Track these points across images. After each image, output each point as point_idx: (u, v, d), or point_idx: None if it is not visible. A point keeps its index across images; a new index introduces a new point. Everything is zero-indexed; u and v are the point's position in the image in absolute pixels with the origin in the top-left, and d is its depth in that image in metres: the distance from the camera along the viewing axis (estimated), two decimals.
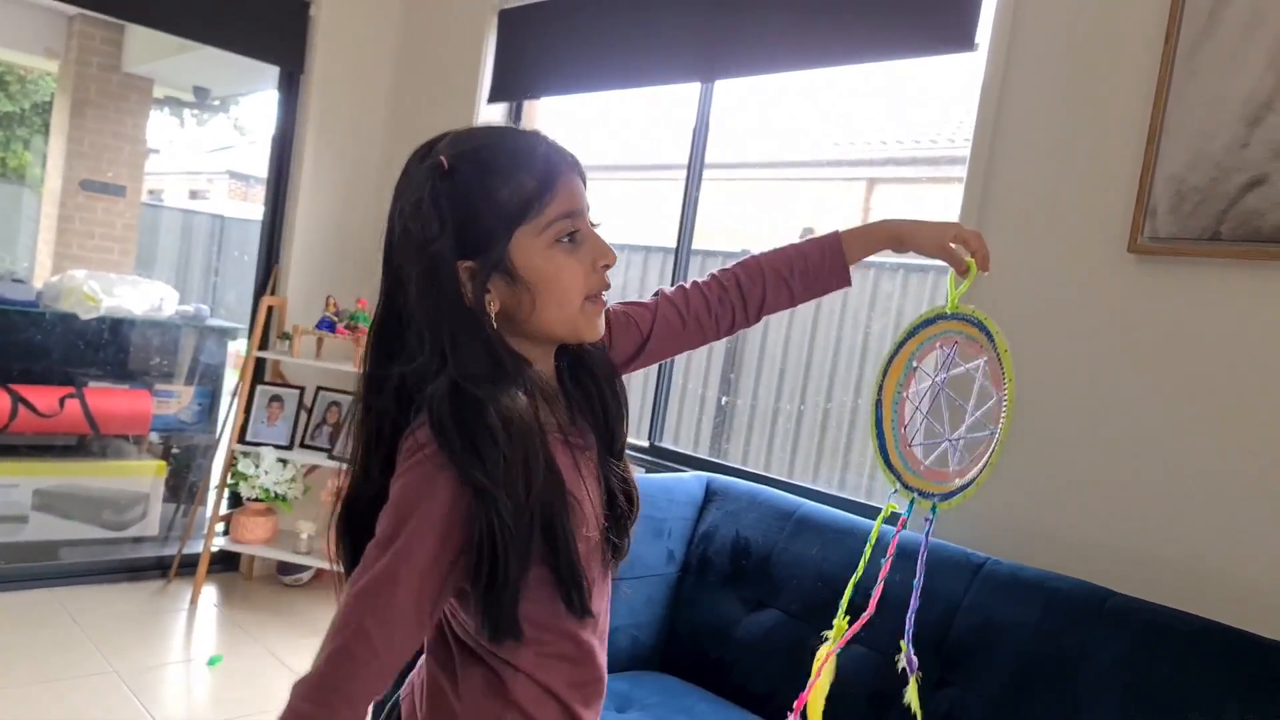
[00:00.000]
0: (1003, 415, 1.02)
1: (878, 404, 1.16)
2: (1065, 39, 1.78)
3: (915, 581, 1.14)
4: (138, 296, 3.33)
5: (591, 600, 0.86)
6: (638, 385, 4.80)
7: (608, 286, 0.87)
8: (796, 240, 1.09)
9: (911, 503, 1.13)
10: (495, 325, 0.83)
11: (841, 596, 1.75)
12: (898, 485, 1.14)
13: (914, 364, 1.11)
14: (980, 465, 1.05)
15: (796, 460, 4.35)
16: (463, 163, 0.83)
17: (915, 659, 1.17)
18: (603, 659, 0.95)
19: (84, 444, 3.35)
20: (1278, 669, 1.33)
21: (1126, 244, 1.66)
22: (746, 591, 1.94)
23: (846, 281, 1.07)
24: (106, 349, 3.37)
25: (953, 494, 1.08)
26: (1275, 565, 1.49)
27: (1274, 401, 1.50)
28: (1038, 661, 1.49)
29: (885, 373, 1.13)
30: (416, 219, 0.82)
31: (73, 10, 5.13)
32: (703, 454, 2.99)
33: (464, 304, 0.82)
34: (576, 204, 0.85)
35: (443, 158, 0.83)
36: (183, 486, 3.70)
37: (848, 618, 1.18)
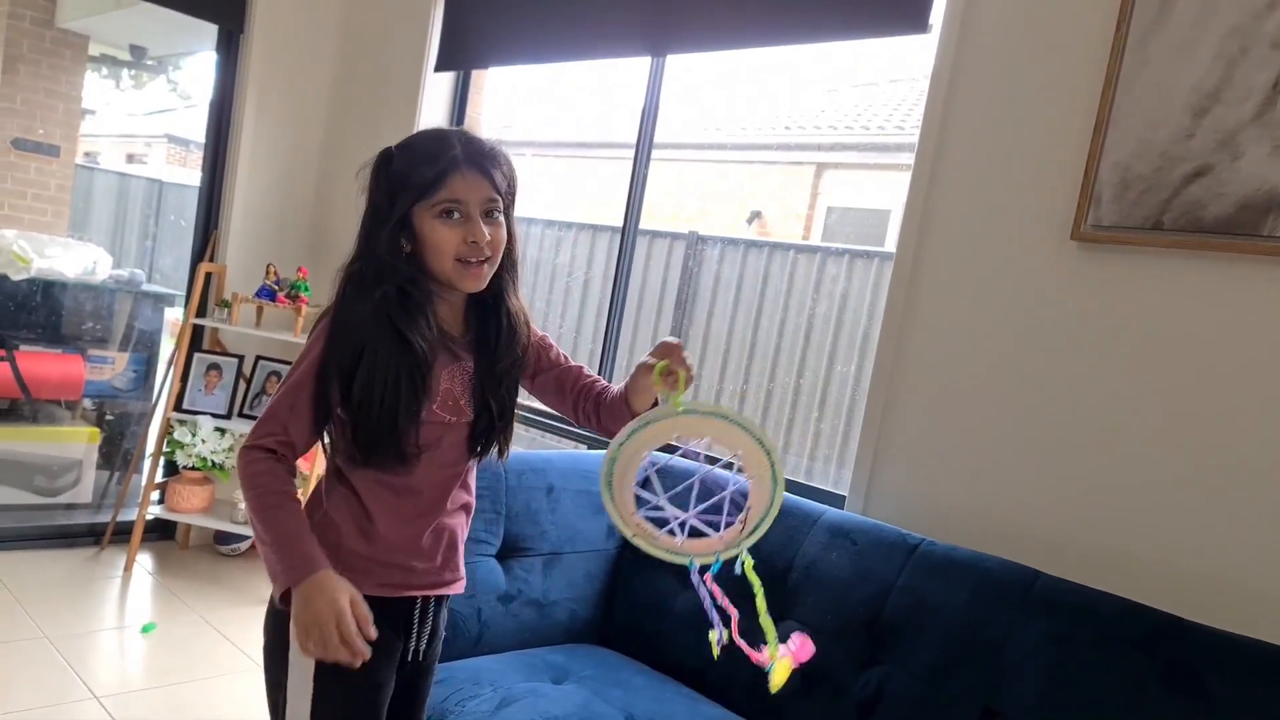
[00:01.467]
0: (771, 502, 1.16)
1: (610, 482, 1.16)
2: (1017, 24, 1.80)
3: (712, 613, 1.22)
4: (70, 259, 3.22)
5: (418, 459, 1.21)
6: (593, 362, 4.81)
7: (475, 257, 1.21)
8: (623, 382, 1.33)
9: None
10: (406, 251, 1.21)
11: (778, 576, 1.80)
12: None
13: (645, 453, 1.16)
14: (744, 536, 1.19)
15: None
16: (399, 153, 1.22)
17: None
18: (429, 501, 1.27)
19: (15, 408, 3.25)
20: (1199, 651, 1.36)
21: (1070, 231, 1.68)
22: (683, 567, 1.96)
23: (629, 417, 1.28)
24: (38, 312, 3.26)
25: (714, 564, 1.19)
26: (1200, 549, 1.54)
27: (1207, 391, 1.55)
28: (964, 641, 1.53)
29: (614, 461, 1.15)
30: (370, 186, 1.23)
31: None
32: None
33: (392, 240, 1.20)
34: (460, 195, 1.19)
35: (391, 148, 1.23)
36: (117, 454, 3.60)
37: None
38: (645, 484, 1.21)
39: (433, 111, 3.06)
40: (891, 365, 1.95)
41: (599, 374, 2.74)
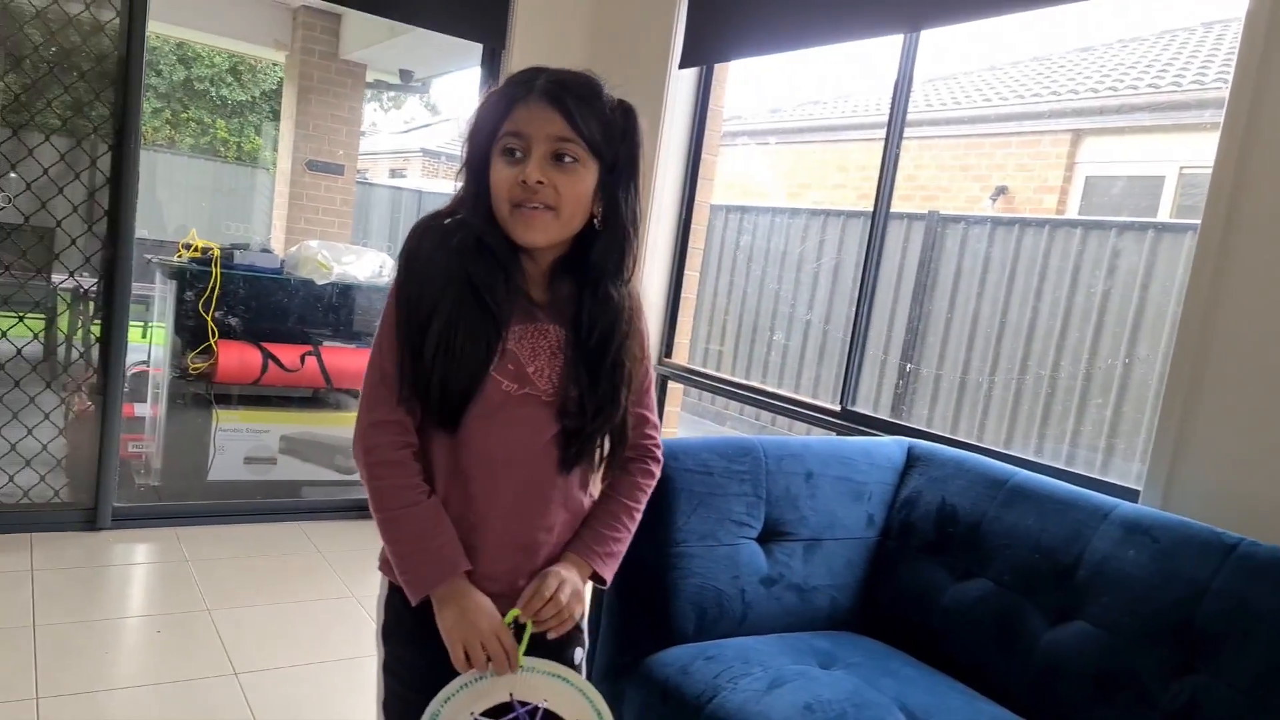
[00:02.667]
0: None
1: None
2: None
3: None
4: (361, 264, 3.64)
5: (468, 423, 1.08)
6: (834, 348, 4.73)
7: (526, 202, 1.05)
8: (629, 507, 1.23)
9: None
10: (492, 202, 1.08)
11: (1063, 573, 1.69)
12: None
13: (474, 710, 1.07)
14: None
15: (986, 427, 4.18)
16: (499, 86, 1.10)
17: None
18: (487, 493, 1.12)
19: (318, 396, 3.73)
20: None
21: None
22: (953, 559, 1.89)
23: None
24: (337, 311, 3.72)
25: None
26: None
27: None
28: None
29: (436, 716, 1.06)
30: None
31: (297, 2, 5.61)
32: (883, 415, 2.91)
33: (471, 184, 1.10)
34: (524, 128, 1.04)
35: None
36: None
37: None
38: None
39: (677, 107, 3.14)
40: (1196, 347, 1.76)
41: (844, 380, 2.69)
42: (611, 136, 1.09)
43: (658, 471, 1.27)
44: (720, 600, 1.82)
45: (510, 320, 1.10)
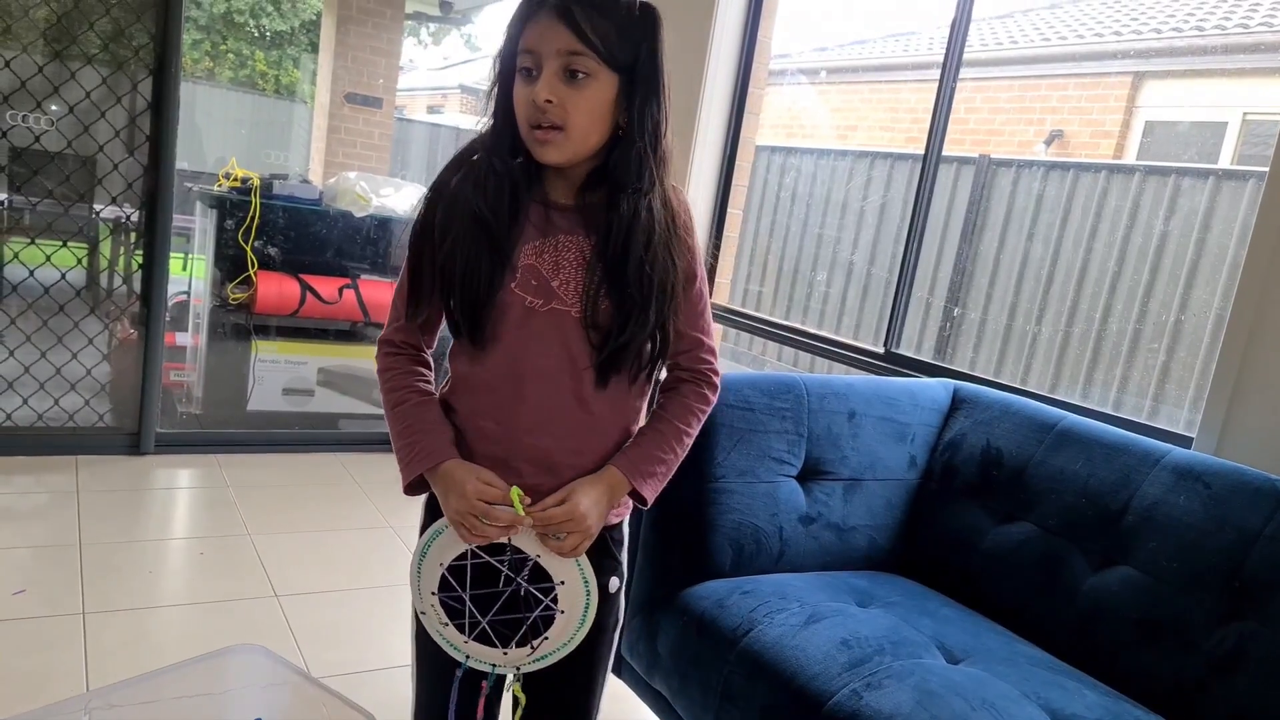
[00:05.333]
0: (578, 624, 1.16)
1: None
2: None
3: None
4: (400, 198, 3.62)
5: (492, 338, 1.10)
6: (877, 292, 4.66)
7: (541, 123, 1.02)
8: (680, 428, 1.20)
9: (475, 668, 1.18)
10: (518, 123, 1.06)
11: (1110, 518, 1.65)
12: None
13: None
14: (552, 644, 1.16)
15: (1032, 371, 4.12)
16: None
17: None
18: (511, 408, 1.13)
19: (355, 330, 3.75)
20: None
21: None
22: (996, 503, 1.86)
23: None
24: (375, 245, 3.71)
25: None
26: None
27: None
28: None
29: (440, 533, 1.15)
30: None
31: None
32: (926, 358, 2.86)
33: (496, 105, 1.09)
34: (534, 45, 1.01)
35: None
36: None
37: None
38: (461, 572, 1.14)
39: (725, 35, 3.04)
40: (1259, 294, 1.69)
41: (889, 322, 2.64)
42: (629, 42, 1.03)
43: (713, 398, 1.23)
44: (757, 537, 1.81)
45: (522, 238, 1.09)
